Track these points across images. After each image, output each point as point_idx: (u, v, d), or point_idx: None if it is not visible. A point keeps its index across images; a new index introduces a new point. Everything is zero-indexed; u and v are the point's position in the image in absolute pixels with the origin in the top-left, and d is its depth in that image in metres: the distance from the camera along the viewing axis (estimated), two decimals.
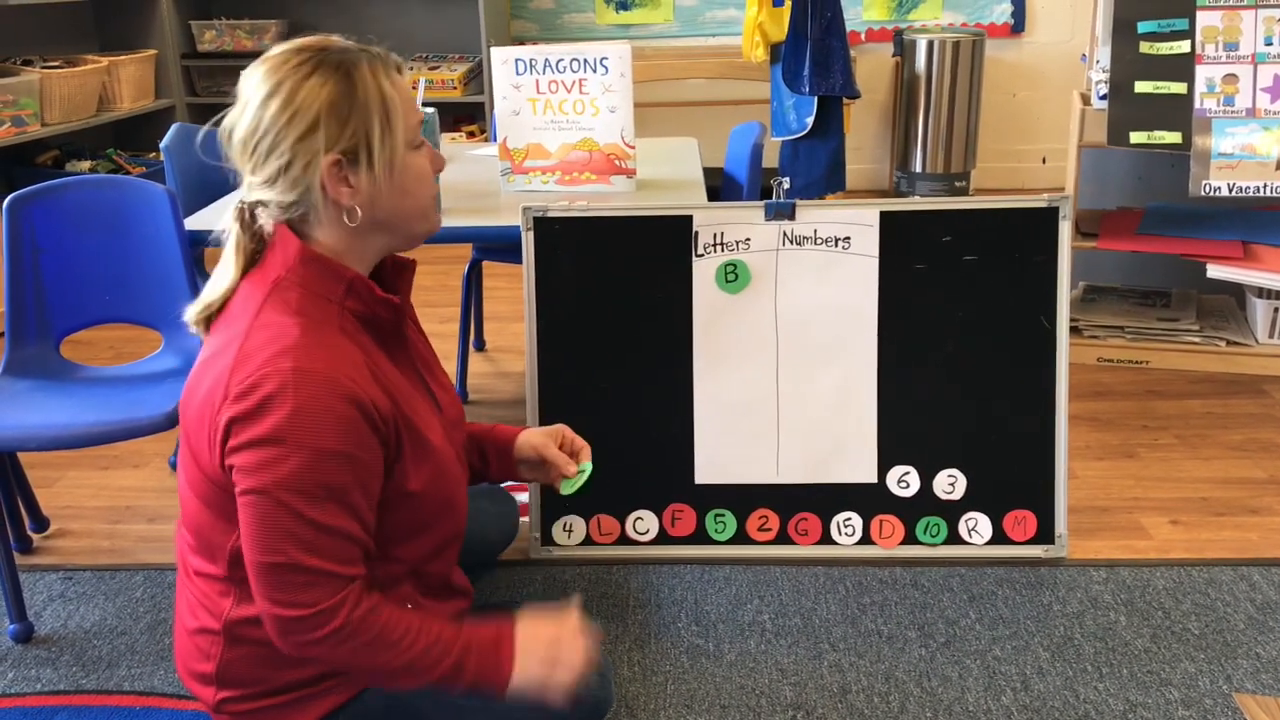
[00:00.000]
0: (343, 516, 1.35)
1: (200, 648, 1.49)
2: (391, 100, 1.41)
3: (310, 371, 1.33)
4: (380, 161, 1.40)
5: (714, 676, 1.92)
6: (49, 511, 2.49)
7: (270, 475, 1.31)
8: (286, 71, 1.38)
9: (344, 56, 1.39)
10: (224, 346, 1.40)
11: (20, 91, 4.06)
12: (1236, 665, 1.92)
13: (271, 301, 1.40)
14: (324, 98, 1.37)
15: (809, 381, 2.21)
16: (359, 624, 1.35)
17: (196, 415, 1.39)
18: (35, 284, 2.21)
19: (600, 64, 2.42)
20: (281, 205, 1.42)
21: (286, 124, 1.37)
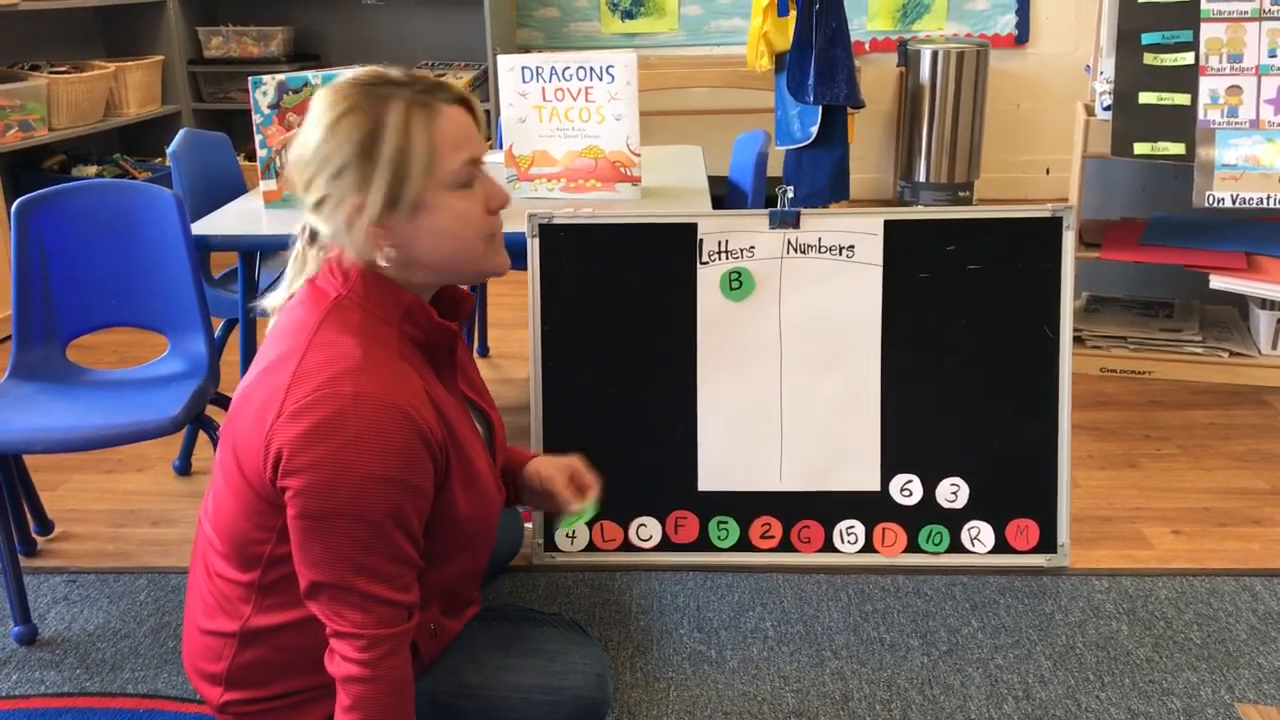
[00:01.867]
0: (397, 541, 1.35)
1: (212, 648, 1.50)
2: (416, 145, 1.38)
3: (370, 396, 1.33)
4: (405, 206, 1.39)
5: (716, 683, 1.92)
6: (53, 514, 2.50)
7: (326, 501, 1.32)
8: (331, 105, 1.39)
9: (383, 94, 1.38)
10: (281, 360, 1.39)
11: (28, 96, 4.07)
12: (1238, 675, 1.92)
13: (331, 320, 1.40)
14: (353, 140, 1.37)
15: (812, 389, 2.22)
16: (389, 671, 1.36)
17: (250, 427, 1.38)
18: (43, 288, 2.22)
19: (606, 72, 2.43)
20: (321, 231, 1.44)
21: (322, 161, 1.38)
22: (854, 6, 4.78)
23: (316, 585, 1.35)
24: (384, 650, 1.35)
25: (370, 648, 1.34)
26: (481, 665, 1.59)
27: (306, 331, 1.39)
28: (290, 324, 1.43)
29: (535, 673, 1.60)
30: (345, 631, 1.35)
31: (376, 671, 1.35)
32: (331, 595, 1.35)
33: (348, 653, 1.35)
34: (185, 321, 2.25)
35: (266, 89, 2.41)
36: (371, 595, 1.34)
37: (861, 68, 4.75)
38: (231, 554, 1.47)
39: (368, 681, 1.35)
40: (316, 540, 1.33)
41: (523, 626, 1.70)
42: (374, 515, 1.32)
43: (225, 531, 1.47)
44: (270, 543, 1.41)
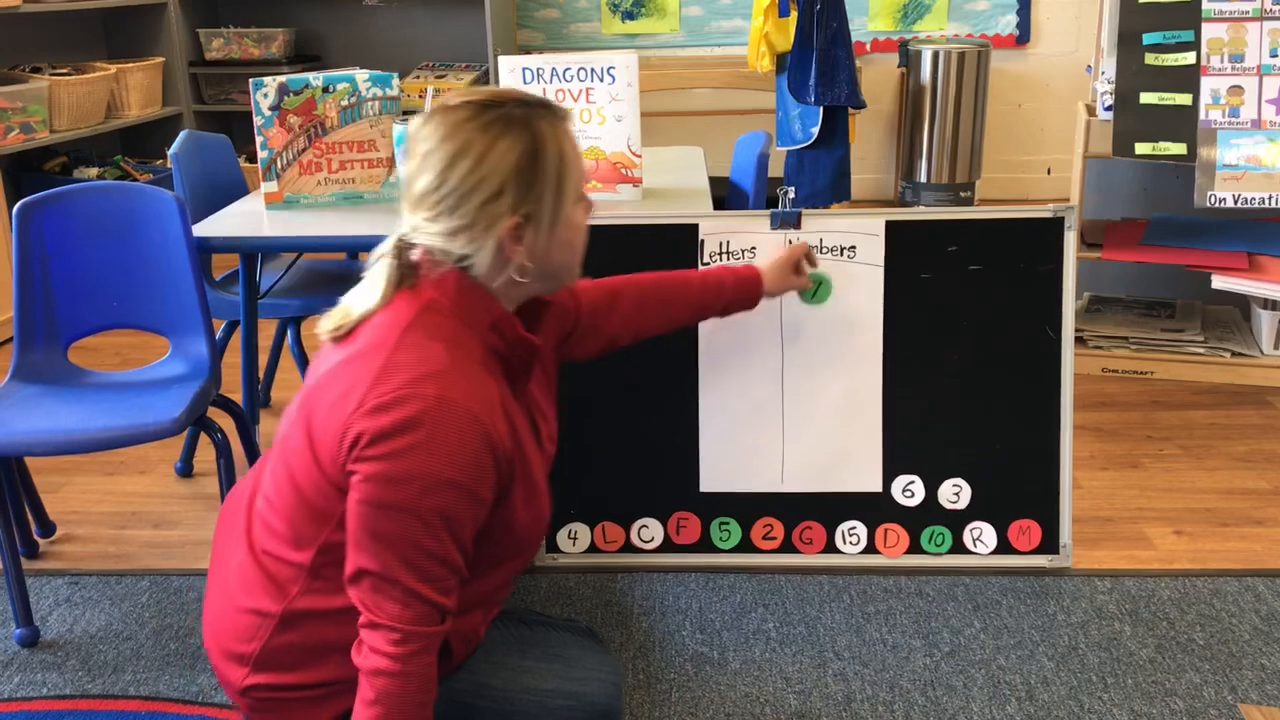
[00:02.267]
0: (449, 545, 1.37)
1: (247, 627, 1.49)
2: (569, 161, 1.44)
3: (452, 402, 1.35)
4: (553, 221, 1.44)
5: (718, 685, 1.92)
6: (55, 516, 2.50)
7: (391, 492, 1.34)
8: (473, 131, 1.40)
9: (527, 115, 1.41)
10: (366, 352, 1.41)
11: (29, 99, 4.08)
12: (1241, 676, 1.92)
13: (421, 321, 1.42)
14: (511, 162, 1.39)
15: (814, 390, 2.22)
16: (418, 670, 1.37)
17: (328, 412, 1.40)
18: (44, 290, 2.22)
19: (607, 73, 2.43)
20: (450, 254, 1.44)
21: (473, 188, 1.39)
22: (855, 7, 4.78)
23: (362, 571, 1.36)
24: (416, 647, 1.36)
25: (404, 643, 1.35)
26: (499, 667, 1.60)
27: (395, 330, 1.42)
28: (377, 319, 1.45)
29: (554, 677, 1.61)
30: (381, 623, 1.35)
31: (406, 667, 1.36)
32: (375, 584, 1.36)
33: (380, 645, 1.35)
34: (187, 323, 2.25)
35: (267, 91, 2.41)
36: (413, 591, 1.35)
37: (862, 68, 4.75)
38: (288, 533, 1.48)
39: (396, 676, 1.35)
40: (372, 527, 1.35)
41: (539, 630, 1.71)
42: (432, 516, 1.35)
43: (286, 510, 1.47)
44: (330, 526, 1.43)
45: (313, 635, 1.47)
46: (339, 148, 2.48)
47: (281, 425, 1.55)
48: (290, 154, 2.46)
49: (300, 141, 2.46)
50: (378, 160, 2.51)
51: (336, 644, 1.45)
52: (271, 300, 2.68)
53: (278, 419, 3.04)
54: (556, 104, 1.48)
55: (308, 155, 2.47)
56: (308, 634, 1.48)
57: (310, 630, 1.47)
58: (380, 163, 2.51)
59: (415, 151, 1.44)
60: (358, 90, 2.46)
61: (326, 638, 1.47)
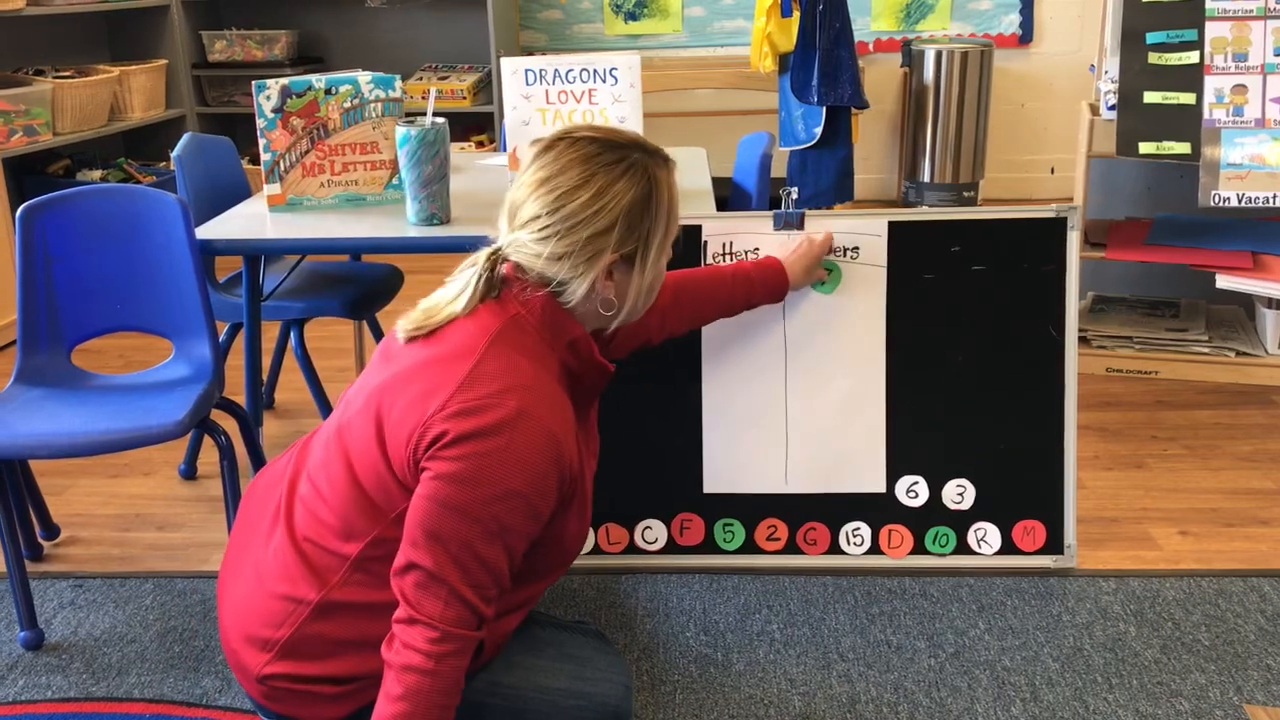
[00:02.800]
0: (501, 555, 1.40)
1: (278, 613, 1.49)
2: (674, 211, 1.53)
3: (533, 418, 1.39)
4: (651, 266, 1.51)
5: (722, 686, 1.92)
6: (59, 519, 2.50)
7: (459, 493, 1.36)
8: (599, 166, 1.46)
9: (647, 161, 1.49)
10: (451, 356, 1.44)
11: (32, 101, 4.08)
12: (1247, 676, 1.91)
13: (507, 333, 1.46)
14: (626, 202, 1.46)
15: (818, 391, 2.21)
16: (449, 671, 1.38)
17: (406, 409, 1.42)
18: (48, 292, 2.22)
19: (610, 74, 2.43)
20: (543, 276, 1.48)
21: (588, 219, 1.45)
22: (858, 7, 4.78)
23: (412, 565, 1.38)
24: (451, 648, 1.37)
25: (440, 642, 1.36)
26: (512, 665, 1.60)
27: (483, 338, 1.45)
28: (464, 325, 1.48)
29: (565, 677, 1.62)
30: (420, 619, 1.36)
31: (439, 666, 1.36)
32: (423, 580, 1.37)
33: (415, 641, 1.36)
34: (190, 326, 2.25)
35: (270, 93, 2.41)
36: (458, 593, 1.37)
37: (865, 68, 4.75)
38: (339, 524, 1.48)
39: (427, 674, 1.36)
40: (433, 525, 1.37)
41: (551, 631, 1.71)
42: (493, 523, 1.37)
43: (340, 501, 1.49)
44: (385, 522, 1.45)
45: (343, 628, 1.48)
46: (342, 150, 2.48)
47: (339, 413, 1.56)
48: (293, 156, 2.46)
49: (303, 144, 2.46)
50: (380, 162, 2.51)
51: (365, 640, 1.46)
52: (275, 302, 2.68)
53: (281, 421, 3.06)
54: (667, 154, 1.55)
55: (310, 157, 2.47)
56: (339, 626, 1.48)
57: (342, 622, 1.48)
58: (383, 165, 2.51)
59: (532, 175, 1.48)
60: (360, 92, 2.46)
61: (356, 632, 1.48)
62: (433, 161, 2.21)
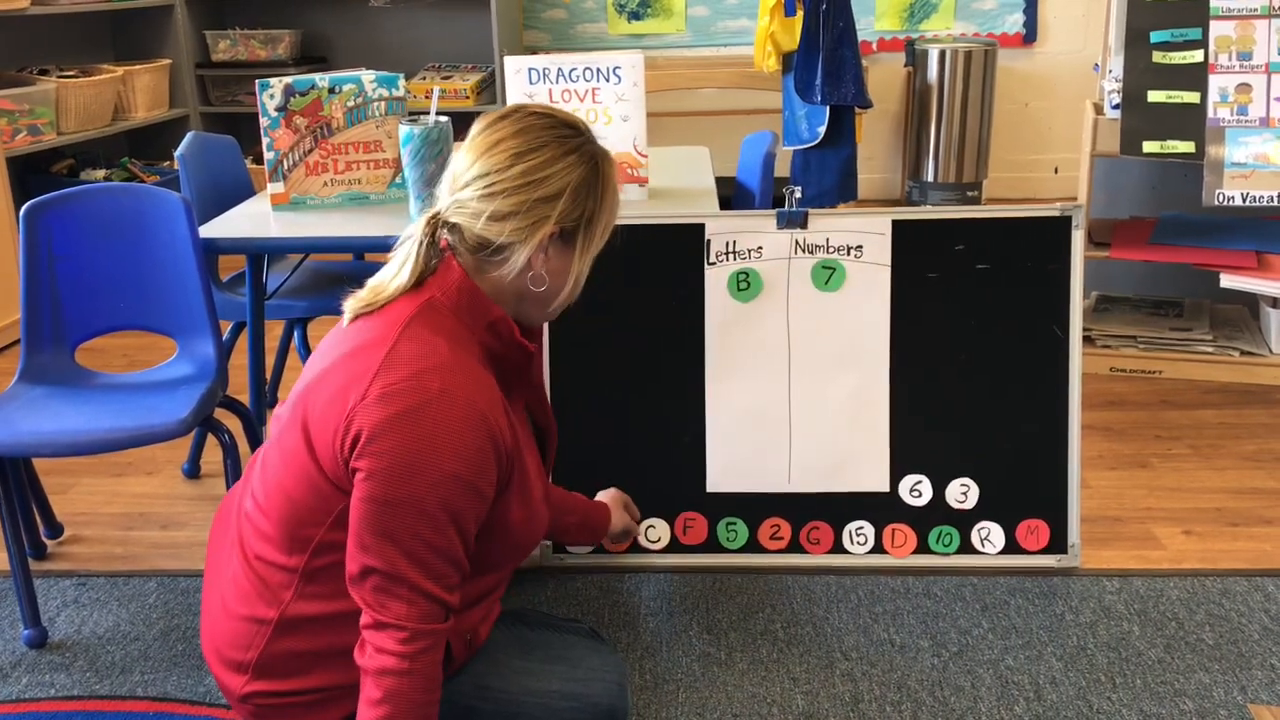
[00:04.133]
0: (454, 539, 1.38)
1: (243, 635, 1.49)
2: (614, 206, 1.54)
3: (455, 395, 1.37)
4: (588, 249, 1.52)
5: (726, 685, 1.92)
6: (62, 517, 2.50)
7: (397, 488, 1.34)
8: (551, 137, 1.47)
9: (595, 151, 1.51)
10: (367, 345, 1.43)
11: (36, 100, 4.09)
12: (1251, 676, 1.91)
13: (423, 316, 1.45)
14: (575, 176, 1.47)
15: (821, 390, 2.21)
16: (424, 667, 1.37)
17: (327, 405, 1.41)
18: (51, 291, 2.22)
19: (613, 73, 2.43)
20: (482, 239, 1.46)
21: (534, 183, 1.44)
22: (861, 6, 4.78)
23: (368, 570, 1.36)
24: (423, 645, 1.36)
25: (411, 641, 1.35)
26: (502, 668, 1.60)
27: (397, 324, 1.43)
28: (375, 318, 1.47)
29: (557, 679, 1.61)
30: (388, 622, 1.35)
31: (414, 665, 1.36)
32: (380, 583, 1.36)
33: (386, 644, 1.35)
34: (193, 325, 2.25)
35: (273, 92, 2.41)
36: (420, 589, 1.36)
37: (869, 67, 4.75)
38: (280, 537, 1.47)
39: (403, 675, 1.35)
40: (378, 525, 1.35)
41: (542, 632, 1.70)
42: (438, 511, 1.35)
43: (277, 513, 1.47)
44: (324, 526, 1.43)
45: (310, 641, 1.47)
46: (345, 149, 2.49)
47: (271, 429, 1.54)
48: (296, 155, 2.46)
49: (306, 143, 2.46)
50: (384, 161, 2.51)
51: (334, 649, 1.45)
52: (278, 301, 2.68)
53: None
54: None
55: (314, 156, 2.47)
56: (305, 640, 1.47)
57: (307, 636, 1.47)
58: (386, 163, 2.51)
59: (483, 139, 1.47)
60: (364, 91, 2.47)
61: (324, 643, 1.46)
62: (436, 160, 2.21)
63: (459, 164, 1.48)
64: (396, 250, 1.51)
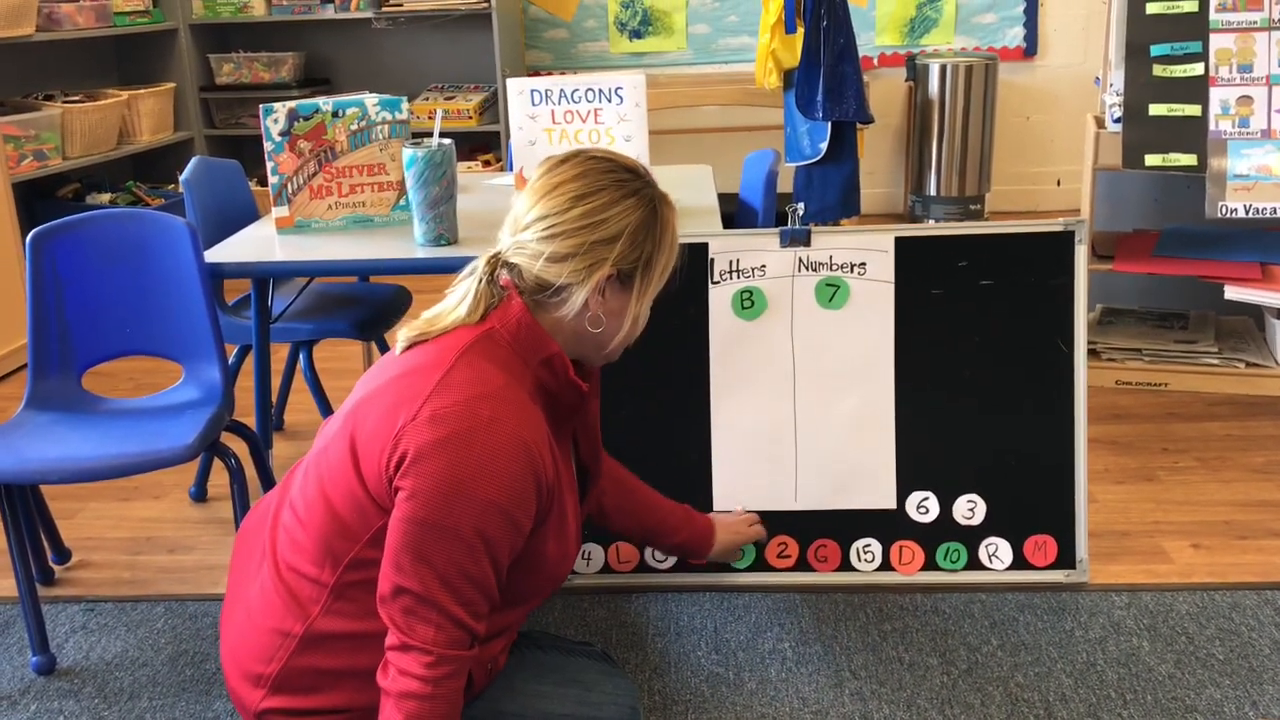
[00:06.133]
0: (487, 568, 1.39)
1: (267, 647, 1.49)
2: (674, 248, 1.57)
3: (504, 425, 1.39)
4: (646, 292, 1.54)
5: (734, 705, 1.91)
6: (70, 543, 2.51)
7: (437, 511, 1.35)
8: (610, 181, 1.50)
9: (655, 195, 1.54)
10: (423, 367, 1.44)
11: (42, 126, 4.11)
12: (1263, 691, 1.90)
13: (480, 346, 1.47)
14: (633, 219, 1.49)
15: (826, 407, 2.21)
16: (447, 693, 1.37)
17: (378, 423, 1.42)
18: (58, 317, 2.23)
19: (615, 94, 2.44)
20: (541, 280, 1.49)
21: (596, 224, 1.47)
22: (862, 22, 4.79)
23: (400, 590, 1.37)
24: (447, 670, 1.37)
25: (436, 665, 1.36)
26: (516, 693, 1.60)
27: (454, 350, 1.45)
28: (435, 342, 1.49)
29: (571, 703, 1.61)
30: (414, 645, 1.36)
31: (437, 690, 1.36)
32: (411, 605, 1.36)
33: (411, 667, 1.36)
34: (199, 349, 2.26)
35: (278, 116, 2.43)
36: (449, 614, 1.36)
37: (870, 83, 4.75)
38: (315, 549, 1.48)
39: (426, 699, 1.35)
40: (415, 546, 1.36)
41: (555, 655, 1.71)
42: (474, 538, 1.36)
43: (315, 525, 1.48)
44: (361, 543, 1.44)
45: (332, 659, 1.47)
46: (349, 172, 2.50)
47: (319, 440, 1.56)
48: (301, 179, 2.47)
49: (310, 166, 2.47)
50: (387, 183, 2.52)
51: (356, 670, 1.45)
52: (284, 324, 2.69)
53: (291, 443, 3.06)
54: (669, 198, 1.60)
55: (318, 180, 2.48)
56: (327, 657, 1.47)
57: (330, 653, 1.47)
58: (390, 186, 2.52)
59: (544, 182, 1.50)
60: (367, 114, 2.48)
61: (346, 662, 1.46)
62: (440, 182, 2.22)
63: (520, 206, 1.52)
64: (456, 285, 1.54)
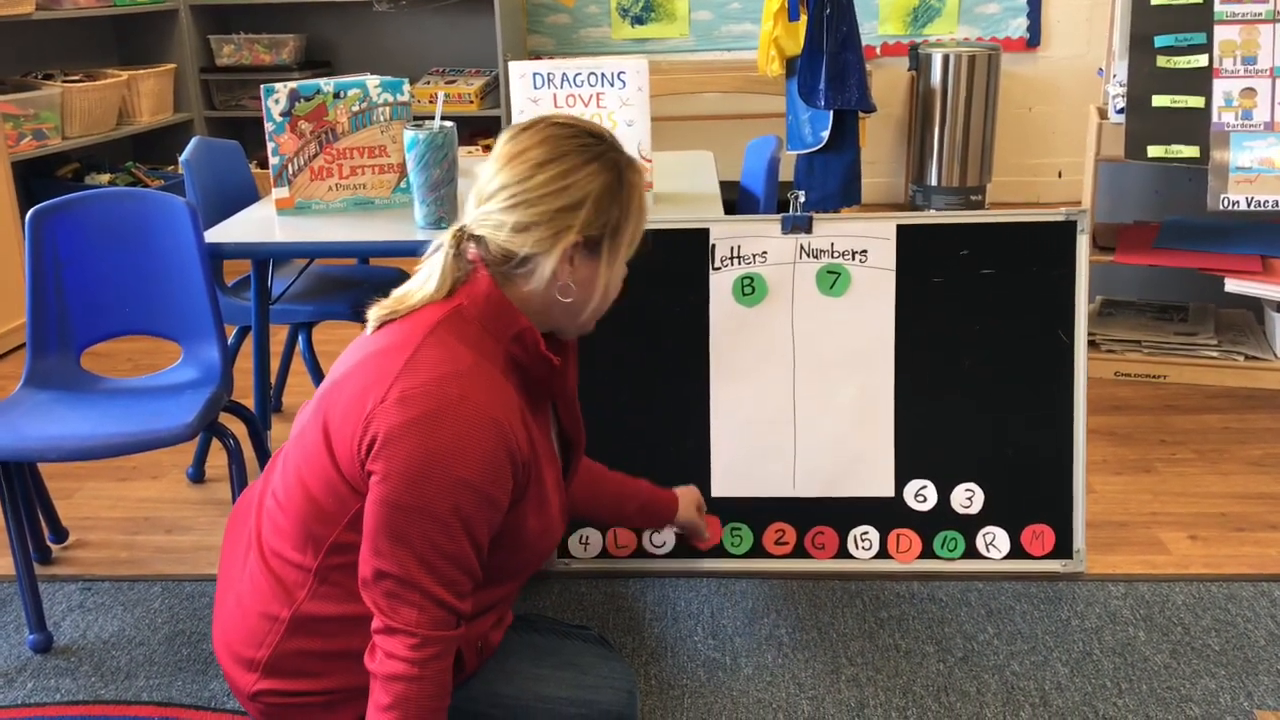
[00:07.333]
0: (466, 547, 1.38)
1: (256, 632, 1.50)
2: (641, 211, 1.53)
3: (474, 402, 1.37)
4: (614, 259, 1.51)
5: (731, 690, 1.92)
6: (68, 522, 2.50)
7: (410, 493, 1.35)
8: (573, 146, 1.46)
9: (619, 158, 1.50)
10: (391, 347, 1.43)
11: (41, 105, 4.09)
12: (1258, 682, 1.91)
13: (449, 323, 1.45)
14: (597, 185, 1.46)
15: (826, 395, 2.21)
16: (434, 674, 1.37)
17: (349, 405, 1.41)
18: (57, 296, 2.23)
19: (618, 78, 2.43)
20: (507, 251, 1.46)
21: (556, 192, 1.44)
22: (865, 10, 4.77)
23: (380, 574, 1.36)
24: (433, 652, 1.36)
25: (422, 647, 1.35)
26: (513, 676, 1.60)
27: (423, 329, 1.44)
28: (403, 321, 1.47)
29: (567, 686, 1.61)
30: (399, 628, 1.35)
31: (424, 671, 1.36)
32: (393, 587, 1.36)
33: (396, 650, 1.36)
34: (198, 329, 2.25)
35: (279, 97, 2.42)
36: (432, 595, 1.36)
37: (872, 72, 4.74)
38: (297, 534, 1.48)
39: (413, 680, 1.35)
40: (391, 528, 1.36)
41: (551, 639, 1.71)
42: (451, 517, 1.36)
43: (295, 511, 1.48)
44: (340, 526, 1.43)
45: (322, 642, 1.47)
46: (350, 153, 2.49)
47: (295, 425, 1.55)
48: (301, 160, 2.46)
49: (311, 147, 2.46)
50: (388, 166, 2.51)
51: (346, 651, 1.45)
52: (283, 306, 2.69)
53: (289, 425, 3.05)
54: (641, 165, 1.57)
55: (319, 161, 2.47)
56: (317, 640, 1.48)
57: (319, 636, 1.47)
58: (391, 168, 2.52)
59: (506, 150, 1.47)
60: (369, 96, 2.47)
61: (336, 645, 1.47)
62: (440, 165, 2.22)
63: (483, 176, 1.49)
64: (424, 261, 1.52)
